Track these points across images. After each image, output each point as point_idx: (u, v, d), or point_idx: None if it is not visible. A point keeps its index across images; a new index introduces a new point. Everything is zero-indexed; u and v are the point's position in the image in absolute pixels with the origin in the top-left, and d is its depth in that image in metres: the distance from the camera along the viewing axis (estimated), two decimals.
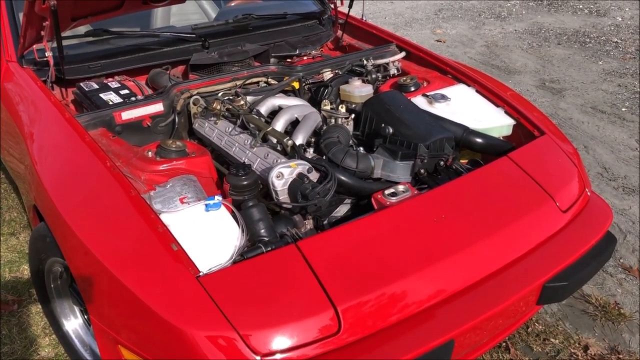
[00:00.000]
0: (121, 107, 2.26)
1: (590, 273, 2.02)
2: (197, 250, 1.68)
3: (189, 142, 2.19)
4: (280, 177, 1.95)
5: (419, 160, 2.14)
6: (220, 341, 1.48)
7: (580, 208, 2.13)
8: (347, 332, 1.56)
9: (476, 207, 1.96)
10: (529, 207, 2.02)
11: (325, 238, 1.77)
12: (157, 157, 2.02)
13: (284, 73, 2.65)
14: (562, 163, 2.25)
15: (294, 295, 1.59)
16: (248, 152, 2.17)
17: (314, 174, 2.02)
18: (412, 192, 2.01)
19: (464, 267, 1.78)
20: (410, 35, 6.75)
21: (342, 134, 2.22)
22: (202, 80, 2.50)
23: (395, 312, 1.64)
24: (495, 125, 2.43)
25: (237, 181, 1.94)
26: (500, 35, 6.71)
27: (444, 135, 2.22)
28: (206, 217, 1.79)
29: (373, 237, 1.78)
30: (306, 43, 3.02)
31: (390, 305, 1.64)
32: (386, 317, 1.62)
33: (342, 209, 2.17)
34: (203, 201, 1.82)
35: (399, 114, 2.29)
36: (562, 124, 4.46)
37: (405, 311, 1.65)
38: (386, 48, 2.94)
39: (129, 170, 1.95)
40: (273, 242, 1.78)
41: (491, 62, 5.87)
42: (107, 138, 2.13)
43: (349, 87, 2.59)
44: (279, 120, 2.29)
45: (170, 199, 1.86)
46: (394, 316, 1.64)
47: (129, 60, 2.60)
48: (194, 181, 1.96)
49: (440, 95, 2.49)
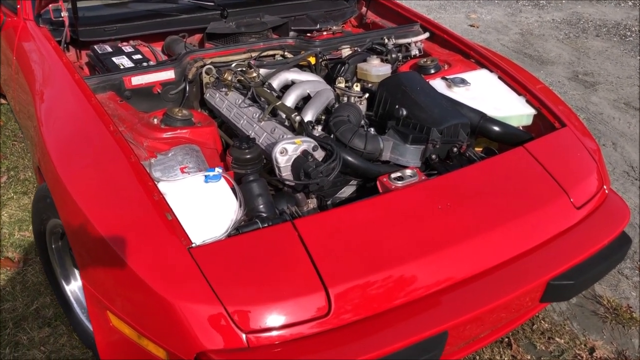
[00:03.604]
0: (131, 72, 2.23)
1: (599, 274, 1.94)
2: (192, 221, 1.65)
3: (196, 112, 2.15)
4: (284, 153, 1.90)
5: (431, 145, 2.07)
6: (206, 315, 1.45)
7: (596, 205, 2.04)
8: (337, 315, 1.52)
9: (484, 197, 1.89)
10: (540, 201, 1.93)
11: (323, 218, 1.73)
12: (162, 124, 1.99)
13: (301, 47, 2.59)
14: (581, 158, 2.16)
15: (285, 273, 1.55)
16: (255, 125, 2.13)
17: (319, 152, 1.96)
18: (420, 177, 1.94)
19: (465, 258, 1.71)
20: (443, 18, 6.59)
21: (353, 113, 2.16)
22: (217, 50, 2.45)
23: (389, 298, 1.59)
24: (514, 114, 2.34)
25: (240, 154, 1.90)
26: (536, 23, 6.51)
27: (460, 121, 2.14)
28: (204, 189, 1.75)
29: (373, 221, 1.73)
30: (328, 18, 2.95)
31: (384, 292, 1.59)
32: (379, 303, 1.58)
33: (347, 190, 2.12)
34: (203, 172, 1.79)
35: (414, 96, 2.22)
36: (591, 119, 4.31)
37: (399, 299, 1.60)
38: (409, 28, 2.85)
39: (133, 135, 1.93)
40: (270, 219, 1.74)
41: (524, 50, 5.70)
42: (114, 102, 2.11)
43: (366, 65, 2.52)
44: (290, 95, 2.23)
45: (171, 167, 1.83)
46: (388, 303, 1.59)
47: (145, 26, 2.57)
48: (197, 151, 1.93)
49: (460, 79, 2.40)
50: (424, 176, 1.96)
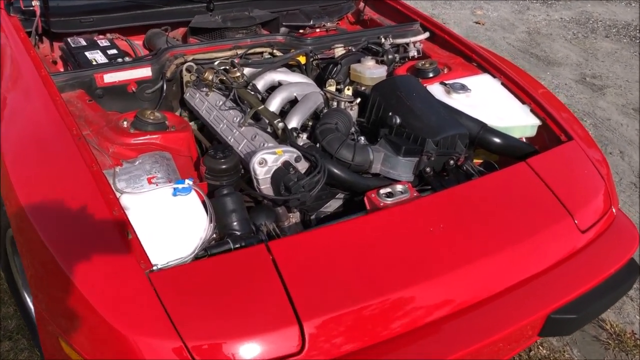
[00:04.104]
0: (104, 69, 2.05)
1: (604, 306, 1.78)
2: (155, 240, 1.49)
3: (170, 114, 1.98)
4: (263, 164, 1.73)
5: (426, 157, 1.91)
6: (164, 351, 1.30)
7: (603, 229, 1.87)
8: (311, 353, 1.36)
9: (481, 219, 1.72)
10: (542, 224, 1.77)
11: (301, 240, 1.56)
12: (132, 128, 1.82)
13: (291, 45, 2.41)
14: (588, 175, 1.99)
15: (255, 304, 1.39)
16: (235, 130, 1.96)
17: (303, 163, 1.80)
18: (411, 193, 1.78)
19: (457, 288, 1.55)
20: (448, 14, 6.39)
21: (343, 120, 1.99)
22: (200, 46, 2.28)
23: (371, 334, 1.43)
24: (517, 125, 2.17)
25: (214, 164, 1.73)
26: (544, 22, 6.30)
27: (457, 132, 1.97)
28: (172, 203, 1.59)
29: (357, 245, 1.56)
30: (322, 14, 2.77)
31: (366, 327, 1.43)
32: (360, 340, 1.42)
33: (333, 204, 1.95)
34: (172, 184, 1.62)
35: (410, 103, 2.05)
36: (598, 125, 4.13)
37: (382, 334, 1.44)
38: (409, 26, 2.67)
39: (98, 140, 1.76)
40: (244, 238, 1.58)
41: (531, 50, 5.50)
42: (82, 102, 1.94)
43: (360, 66, 2.34)
44: (275, 97, 2.06)
45: (137, 177, 1.66)
46: (369, 339, 1.43)
47: (124, 18, 2.40)
48: (168, 159, 1.76)
49: (460, 85, 2.23)
50: (416, 192, 1.79)
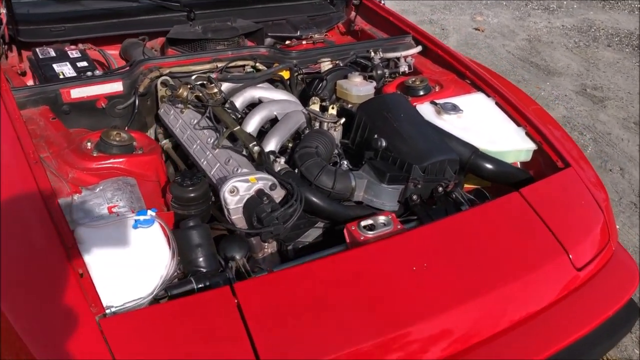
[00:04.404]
0: (71, 83, 1.92)
1: (600, 352, 1.65)
2: (111, 278, 1.36)
3: (139, 135, 1.85)
4: (234, 192, 1.61)
5: (412, 184, 1.78)
6: None
7: (600, 266, 1.75)
8: None
9: (469, 256, 1.59)
10: (534, 262, 1.64)
11: (270, 281, 1.43)
12: (95, 150, 1.69)
13: (275, 58, 2.28)
14: (585, 206, 1.86)
15: (217, 356, 1.26)
16: (209, 153, 1.83)
17: (279, 190, 1.67)
18: (395, 226, 1.65)
19: (439, 335, 1.42)
20: (448, 20, 6.27)
21: (324, 142, 1.86)
22: (177, 59, 2.15)
23: None
24: (512, 149, 2.04)
25: (182, 192, 1.61)
26: (545, 29, 6.18)
27: (447, 157, 1.85)
28: (132, 236, 1.46)
29: (332, 286, 1.43)
30: (310, 24, 2.64)
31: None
32: None
33: (313, 233, 1.82)
34: (134, 215, 1.50)
35: (397, 124, 1.92)
36: (598, 139, 4.00)
37: None
38: (400, 39, 2.54)
39: (57, 164, 1.63)
40: (209, 277, 1.45)
41: (530, 58, 5.38)
42: (45, 119, 1.81)
43: (346, 83, 2.22)
44: (253, 117, 1.93)
45: (97, 206, 1.54)
46: None
47: (98, 27, 2.27)
48: (132, 186, 1.63)
49: (452, 105, 2.10)
50: (400, 225, 1.67)
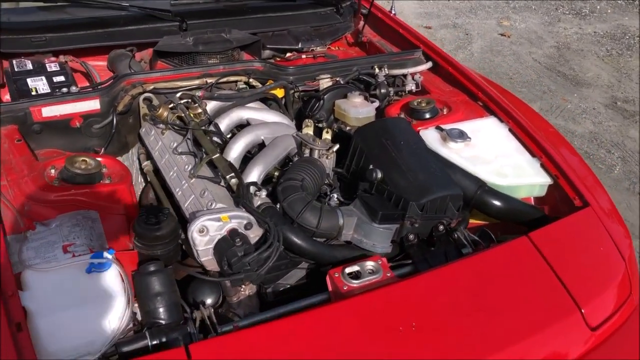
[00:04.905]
0: (42, 101, 1.78)
1: None
2: (55, 332, 1.21)
3: (111, 160, 1.70)
4: (203, 232, 1.44)
5: (409, 223, 1.60)
6: None
7: (619, 324, 1.54)
8: None
9: (466, 314, 1.40)
10: (542, 320, 1.44)
11: (233, 342, 1.26)
12: (57, 179, 1.55)
13: (270, 74, 2.11)
14: (604, 253, 1.66)
15: None
16: (185, 182, 1.67)
17: (256, 229, 1.50)
18: (384, 274, 1.47)
19: None
20: (472, 24, 6.02)
21: (312, 174, 1.68)
22: (163, 74, 1.99)
23: None
24: (524, 183, 1.84)
25: (146, 231, 1.44)
26: (575, 36, 5.89)
27: (449, 193, 1.66)
28: (84, 282, 1.31)
29: (302, 348, 1.26)
30: (313, 36, 2.45)
31: None
32: None
33: (296, 274, 1.65)
34: (88, 256, 1.34)
35: (395, 154, 1.74)
36: (627, 158, 3.75)
37: None
38: (409, 54, 2.35)
39: (14, 194, 1.49)
40: (166, 331, 1.29)
41: (558, 67, 5.11)
42: (10, 142, 1.67)
43: (345, 103, 2.04)
44: (237, 141, 1.77)
45: (51, 245, 1.39)
46: None
47: (83, 37, 2.12)
48: (93, 221, 1.48)
49: (459, 132, 1.91)
50: (390, 272, 1.48)
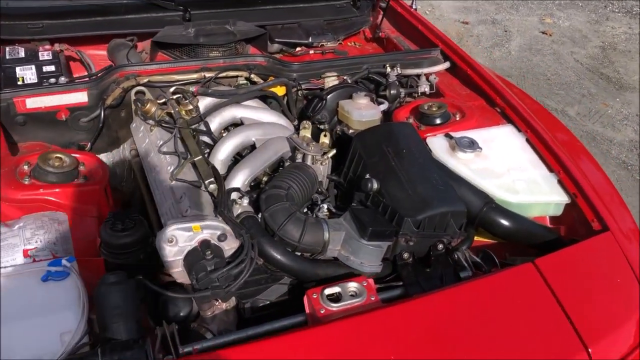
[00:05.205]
0: (26, 92, 1.70)
1: None
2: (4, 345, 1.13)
3: (91, 158, 1.61)
4: (172, 242, 1.33)
5: (403, 240, 1.46)
6: None
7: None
8: None
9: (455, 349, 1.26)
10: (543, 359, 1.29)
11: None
12: (29, 177, 1.46)
13: (273, 70, 1.99)
14: (621, 286, 1.48)
15: None
16: (166, 184, 1.57)
17: (231, 241, 1.39)
18: (367, 297, 1.34)
19: None
20: (513, 20, 5.76)
21: (301, 182, 1.55)
22: (159, 66, 1.90)
23: None
24: (538, 201, 1.68)
25: (112, 238, 1.35)
26: (623, 36, 5.56)
27: (450, 209, 1.51)
28: (38, 291, 1.22)
29: None
30: (326, 30, 2.32)
31: None
32: None
33: (278, 289, 1.53)
34: (46, 263, 1.26)
35: (395, 163, 1.60)
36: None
37: None
38: (426, 53, 2.19)
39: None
40: (121, 350, 1.18)
41: (601, 69, 4.83)
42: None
43: (348, 104, 1.90)
44: (225, 142, 1.66)
45: (11, 248, 1.31)
46: None
47: (81, 25, 2.04)
48: (60, 223, 1.39)
49: (469, 141, 1.75)
50: (375, 295, 1.35)
